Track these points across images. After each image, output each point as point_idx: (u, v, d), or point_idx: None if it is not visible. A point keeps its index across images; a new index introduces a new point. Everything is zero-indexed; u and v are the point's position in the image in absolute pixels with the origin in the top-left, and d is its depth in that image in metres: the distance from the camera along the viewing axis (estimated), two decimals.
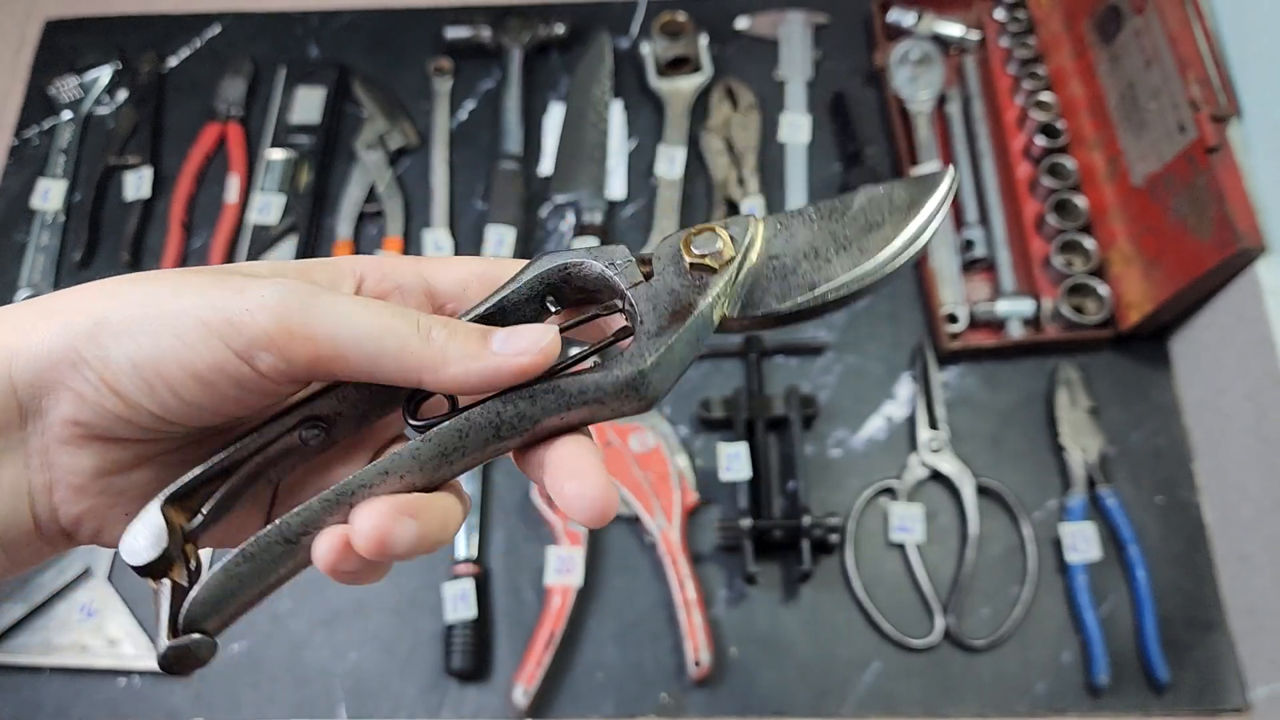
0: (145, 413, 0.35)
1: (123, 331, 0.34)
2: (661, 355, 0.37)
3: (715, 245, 0.38)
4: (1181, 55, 1.02)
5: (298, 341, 0.34)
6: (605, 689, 1.01)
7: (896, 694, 1.00)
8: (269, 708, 1.02)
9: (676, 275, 0.38)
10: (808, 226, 0.40)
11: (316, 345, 0.34)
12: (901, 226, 0.39)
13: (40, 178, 1.27)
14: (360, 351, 0.35)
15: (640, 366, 0.36)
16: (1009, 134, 1.22)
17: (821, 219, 0.40)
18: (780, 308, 0.39)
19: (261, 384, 0.35)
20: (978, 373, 1.13)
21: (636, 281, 0.38)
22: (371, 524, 0.34)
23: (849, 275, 0.39)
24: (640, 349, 0.37)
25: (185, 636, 0.35)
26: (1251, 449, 0.98)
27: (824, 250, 0.40)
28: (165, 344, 0.34)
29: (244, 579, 0.36)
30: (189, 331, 0.34)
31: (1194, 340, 1.08)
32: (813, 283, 0.39)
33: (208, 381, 0.34)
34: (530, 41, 1.31)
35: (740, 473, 1.03)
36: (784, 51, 1.31)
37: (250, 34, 1.37)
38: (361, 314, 0.35)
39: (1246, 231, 0.95)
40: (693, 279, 0.38)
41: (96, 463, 0.36)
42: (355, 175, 1.26)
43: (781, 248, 0.40)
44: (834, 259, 0.39)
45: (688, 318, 0.37)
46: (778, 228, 0.40)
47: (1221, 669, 0.99)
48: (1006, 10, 1.26)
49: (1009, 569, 1.04)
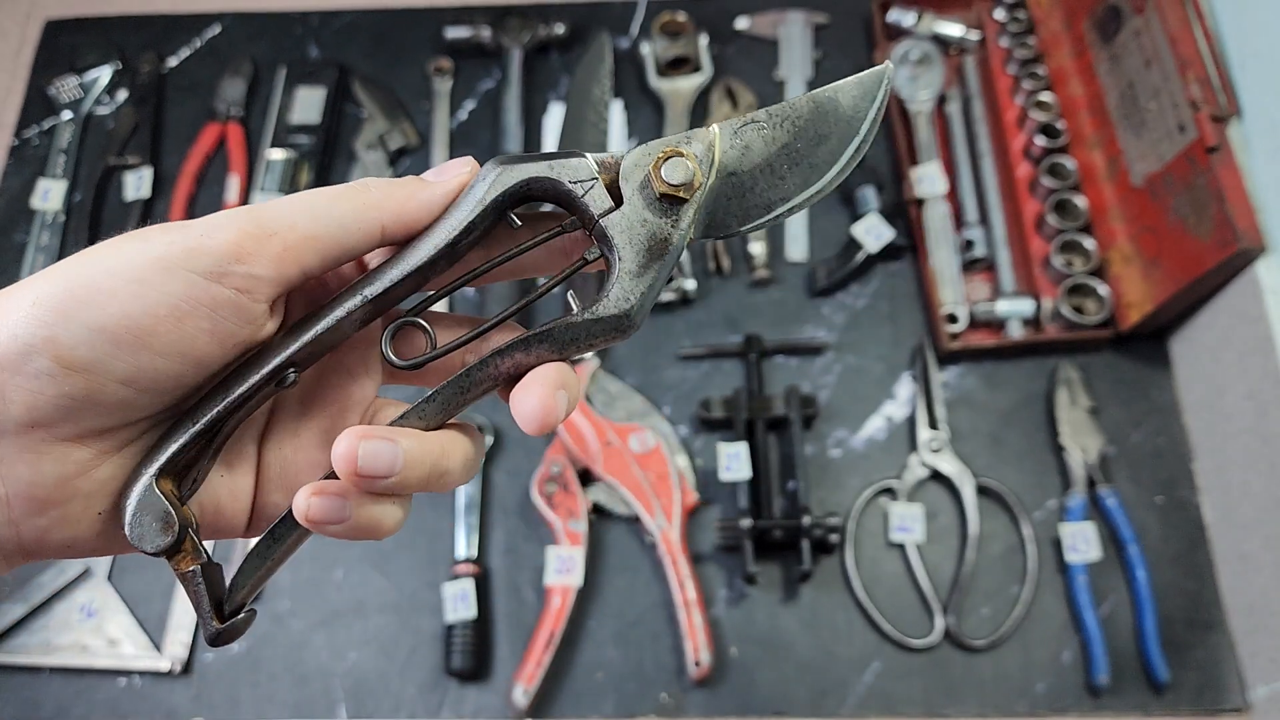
0: (113, 383, 0.34)
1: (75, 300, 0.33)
2: (645, 295, 0.39)
3: (686, 175, 0.39)
4: (1181, 55, 1.02)
5: (263, 240, 0.35)
6: (605, 689, 1.01)
7: (896, 694, 1.00)
8: (269, 708, 1.02)
9: (646, 204, 0.39)
10: (762, 138, 0.41)
11: (282, 237, 0.35)
12: (848, 140, 0.41)
13: (40, 178, 1.27)
14: (322, 226, 0.36)
15: (627, 309, 0.39)
16: (1009, 134, 1.22)
17: (774, 128, 0.41)
18: (740, 229, 0.41)
19: (236, 302, 0.35)
20: (978, 373, 1.13)
21: (607, 208, 0.39)
22: (345, 445, 0.35)
23: (802, 195, 0.41)
24: (624, 290, 0.39)
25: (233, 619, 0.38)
26: (1251, 449, 0.98)
27: (778, 167, 0.41)
28: (127, 295, 0.33)
29: (270, 555, 0.38)
30: (148, 272, 0.34)
31: (1194, 340, 1.08)
32: (769, 202, 0.41)
33: (180, 317, 0.34)
34: (530, 41, 1.31)
35: (740, 473, 1.03)
36: (784, 51, 1.31)
37: (250, 34, 1.37)
38: (306, 197, 0.37)
39: (1246, 231, 0.95)
40: (664, 208, 0.39)
41: (59, 469, 0.34)
42: (355, 175, 1.26)
43: (738, 163, 0.41)
44: (787, 176, 0.41)
45: (665, 254, 0.39)
46: (734, 140, 0.41)
47: (1221, 669, 0.99)
48: (1006, 10, 1.26)
49: (1009, 569, 1.04)
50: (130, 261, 0.34)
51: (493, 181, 0.39)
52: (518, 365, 0.39)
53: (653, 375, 1.14)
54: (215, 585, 0.38)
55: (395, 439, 0.36)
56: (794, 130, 0.41)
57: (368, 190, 0.38)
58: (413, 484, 0.37)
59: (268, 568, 0.38)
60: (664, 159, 0.39)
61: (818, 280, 1.17)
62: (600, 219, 0.39)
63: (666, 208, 0.39)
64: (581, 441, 1.06)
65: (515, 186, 0.39)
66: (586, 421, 1.07)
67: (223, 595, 0.38)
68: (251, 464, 0.40)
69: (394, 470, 0.36)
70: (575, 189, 0.39)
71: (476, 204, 0.39)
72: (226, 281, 0.34)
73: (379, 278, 0.38)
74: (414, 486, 0.37)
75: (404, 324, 0.40)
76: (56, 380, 0.33)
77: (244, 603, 0.38)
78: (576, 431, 1.06)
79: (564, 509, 1.05)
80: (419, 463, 0.36)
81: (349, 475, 0.35)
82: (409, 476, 0.36)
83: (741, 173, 0.40)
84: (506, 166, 0.39)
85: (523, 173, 0.39)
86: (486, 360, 0.38)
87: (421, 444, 0.37)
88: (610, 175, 0.40)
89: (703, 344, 1.15)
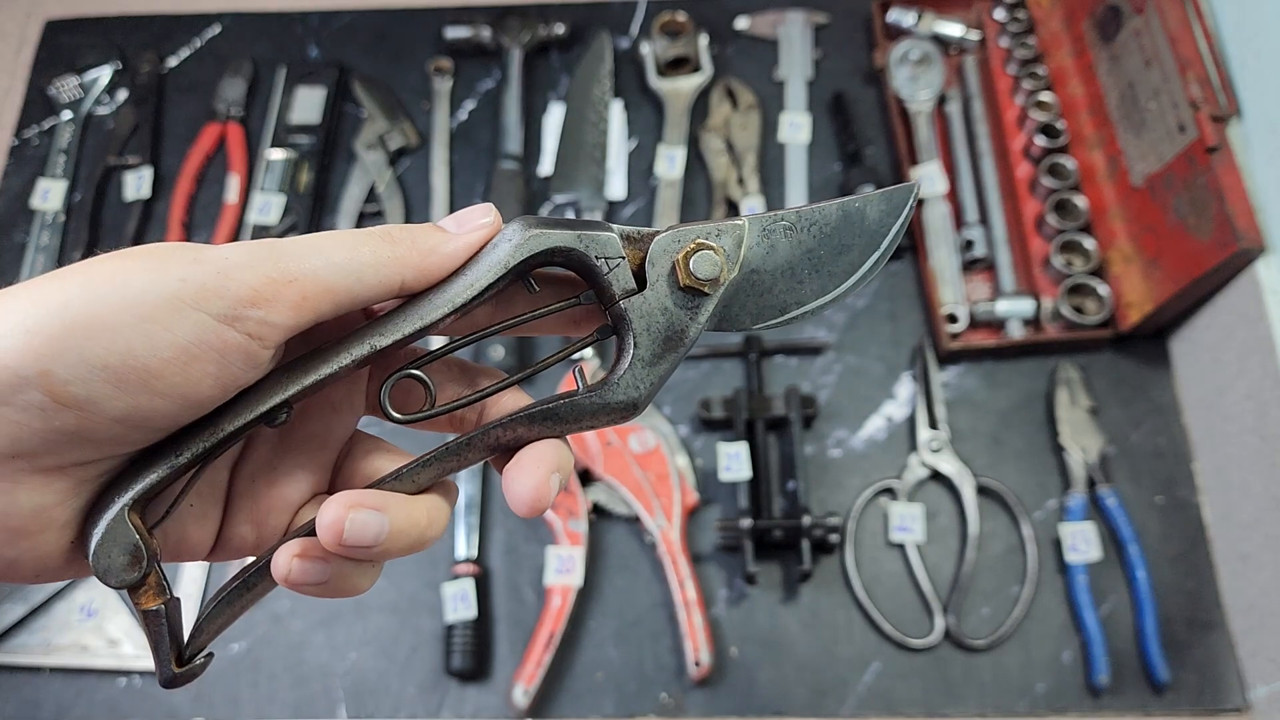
0: (106, 420, 0.32)
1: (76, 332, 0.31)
2: (655, 385, 0.39)
3: (713, 270, 0.39)
4: (1181, 55, 1.02)
5: (283, 287, 0.34)
6: (605, 689, 1.01)
7: (896, 694, 1.00)
8: (269, 708, 1.02)
9: (670, 293, 0.39)
10: (789, 240, 0.41)
11: (302, 286, 0.34)
12: (869, 253, 0.42)
13: (40, 178, 1.27)
14: (343, 275, 0.35)
15: (635, 397, 0.39)
16: (1009, 134, 1.22)
17: (801, 232, 0.41)
18: (751, 326, 0.41)
19: (246, 348, 0.33)
20: (978, 373, 1.13)
21: (629, 290, 0.39)
22: (331, 513, 0.34)
23: (817, 302, 0.42)
24: (636, 378, 0.39)
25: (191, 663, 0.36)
26: (1251, 449, 0.98)
27: (799, 271, 0.41)
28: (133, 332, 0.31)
29: (240, 602, 0.37)
30: (158, 310, 0.32)
31: (1194, 340, 1.08)
32: (784, 306, 0.41)
33: (188, 360, 0.32)
34: (530, 41, 1.31)
35: (740, 473, 1.03)
36: (784, 51, 1.31)
37: (250, 34, 1.37)
38: (329, 243, 0.36)
39: (1246, 231, 0.95)
40: (685, 299, 0.39)
41: (36, 499, 0.33)
42: (355, 175, 1.26)
43: (761, 262, 0.41)
44: (806, 281, 0.41)
45: (680, 346, 0.39)
46: (761, 238, 0.41)
47: (1221, 669, 0.99)
48: (1006, 10, 1.26)
49: (1009, 569, 1.04)
50: (140, 295, 0.32)
51: (518, 245, 0.38)
52: (518, 439, 0.38)
53: None
54: (175, 625, 0.36)
55: (383, 508, 0.35)
56: (820, 236, 0.41)
57: (392, 242, 0.37)
58: (394, 553, 0.36)
59: (233, 613, 0.37)
60: (693, 251, 0.39)
61: None
62: (621, 300, 0.39)
63: (688, 300, 0.39)
64: (581, 441, 1.06)
65: (540, 254, 0.38)
66: None
67: (182, 636, 0.37)
68: (222, 493, 0.39)
69: (379, 542, 0.35)
70: (600, 265, 0.39)
71: (499, 266, 0.38)
72: (239, 326, 0.33)
73: (389, 329, 0.37)
74: (395, 555, 0.36)
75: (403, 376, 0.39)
76: (47, 415, 0.31)
77: (203, 646, 0.37)
78: None
79: (564, 509, 1.05)
80: (404, 534, 0.36)
81: (333, 545, 0.34)
82: (392, 546, 0.36)
83: (763, 272, 0.41)
84: (534, 232, 0.38)
85: (550, 240, 0.38)
86: (487, 430, 0.38)
87: (409, 514, 0.36)
88: (637, 252, 0.40)
89: (703, 344, 1.15)
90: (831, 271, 0.41)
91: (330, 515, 0.34)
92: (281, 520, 0.40)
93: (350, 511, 0.34)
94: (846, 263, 0.41)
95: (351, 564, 0.36)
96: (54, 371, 0.31)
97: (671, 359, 0.39)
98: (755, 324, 0.41)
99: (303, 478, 0.40)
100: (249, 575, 0.37)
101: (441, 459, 0.38)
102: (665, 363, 0.39)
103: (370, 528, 0.35)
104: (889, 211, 0.42)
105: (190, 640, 0.37)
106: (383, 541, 0.35)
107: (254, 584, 0.37)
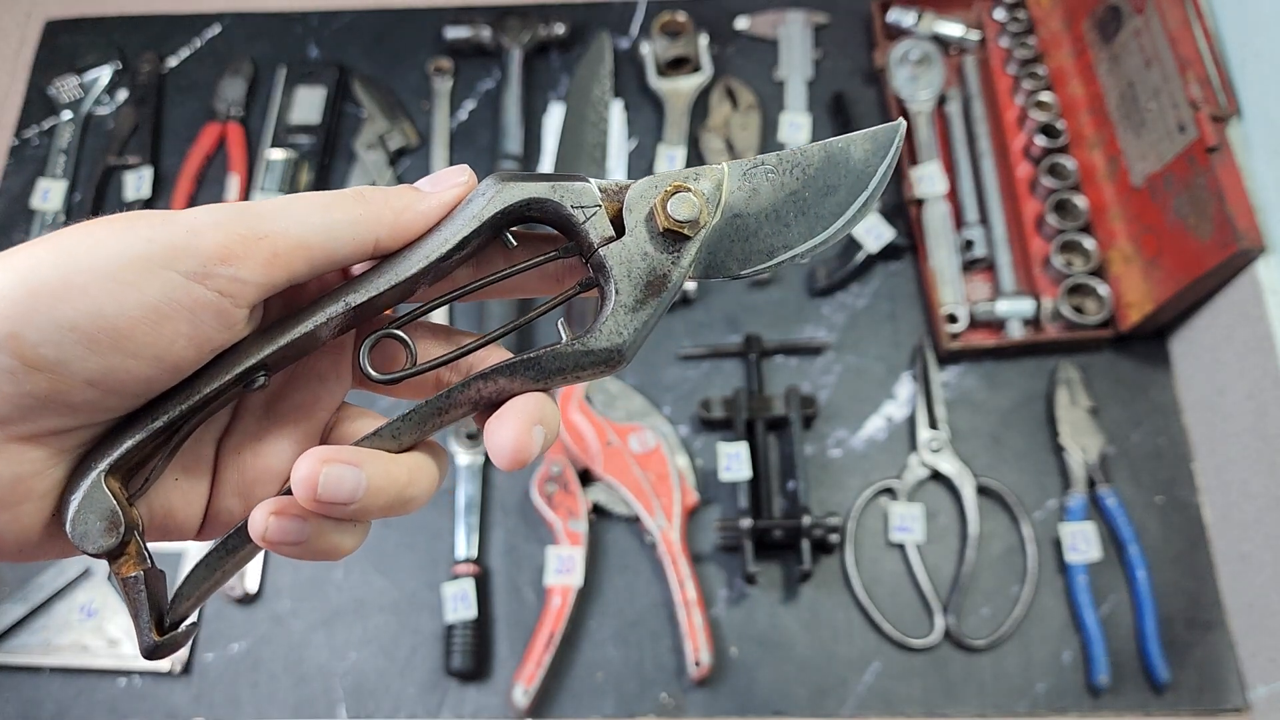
0: (79, 384, 0.32)
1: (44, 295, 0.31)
2: (639, 331, 0.38)
3: (692, 211, 0.38)
4: (1181, 55, 1.02)
5: (253, 244, 0.33)
6: (605, 689, 1.01)
7: (896, 694, 1.00)
8: (269, 708, 1.02)
9: (650, 238, 0.38)
10: (770, 183, 0.40)
11: (273, 242, 0.34)
12: (855, 194, 0.41)
13: (40, 178, 1.27)
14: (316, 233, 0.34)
15: (618, 343, 0.38)
16: (1009, 134, 1.22)
17: (784, 174, 0.40)
18: (740, 273, 0.40)
19: (218, 305, 0.33)
20: (978, 373, 1.13)
21: (608, 237, 0.38)
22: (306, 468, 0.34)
23: (805, 245, 0.40)
24: (619, 324, 0.38)
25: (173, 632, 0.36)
26: (1251, 449, 0.98)
27: (784, 214, 0.40)
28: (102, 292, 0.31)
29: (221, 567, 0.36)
30: (127, 269, 0.31)
31: (1194, 340, 1.08)
32: (771, 249, 0.40)
33: (158, 319, 0.32)
34: (530, 41, 1.31)
35: (740, 473, 1.03)
36: (784, 51, 1.31)
37: (250, 34, 1.37)
38: (300, 202, 0.35)
39: (1246, 231, 0.95)
40: (666, 243, 0.38)
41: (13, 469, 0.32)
42: (355, 175, 1.26)
43: (744, 205, 0.40)
44: (792, 224, 0.40)
45: (663, 291, 0.38)
46: (742, 181, 0.40)
47: (1221, 669, 0.99)
48: (1006, 10, 1.26)
49: (1009, 569, 1.04)
50: (108, 256, 0.31)
51: (491, 198, 0.37)
52: (500, 391, 0.37)
53: (653, 375, 1.14)
54: (157, 594, 0.35)
55: (360, 463, 0.34)
56: (803, 178, 0.40)
57: (364, 200, 0.36)
58: (374, 511, 0.35)
59: (216, 579, 0.37)
60: (671, 193, 0.38)
61: (818, 280, 1.17)
62: (600, 248, 0.38)
63: (669, 244, 0.38)
64: (581, 441, 1.06)
65: (515, 205, 0.38)
66: (586, 421, 1.07)
67: (164, 605, 0.36)
68: (209, 467, 0.39)
69: (355, 498, 0.34)
70: (577, 214, 0.38)
71: (472, 220, 0.37)
72: (210, 284, 0.33)
73: (364, 285, 0.37)
74: (375, 514, 0.35)
75: (383, 336, 0.39)
76: (17, 378, 0.31)
77: (186, 614, 0.37)
78: (576, 431, 1.06)
79: (564, 509, 1.05)
80: (383, 490, 0.35)
81: (308, 500, 0.34)
82: (371, 504, 0.35)
83: (747, 215, 0.40)
84: (507, 184, 0.38)
85: (524, 192, 0.38)
86: (468, 383, 0.37)
87: (388, 470, 0.35)
88: (614, 204, 0.39)
89: (703, 344, 1.15)
90: (819, 214, 0.40)
91: (304, 470, 0.34)
92: (268, 491, 0.39)
93: (325, 466, 0.34)
94: (834, 204, 0.40)
95: (331, 523, 0.35)
96: (23, 334, 0.31)
97: (655, 304, 0.38)
98: (744, 269, 0.40)
99: (288, 448, 0.39)
100: (228, 538, 0.36)
101: (423, 416, 0.37)
102: (648, 308, 0.38)
103: (346, 483, 0.34)
104: (874, 151, 0.41)
105: (171, 607, 0.36)
106: (360, 498, 0.34)
107: (234, 547, 0.36)
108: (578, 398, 1.08)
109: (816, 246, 0.41)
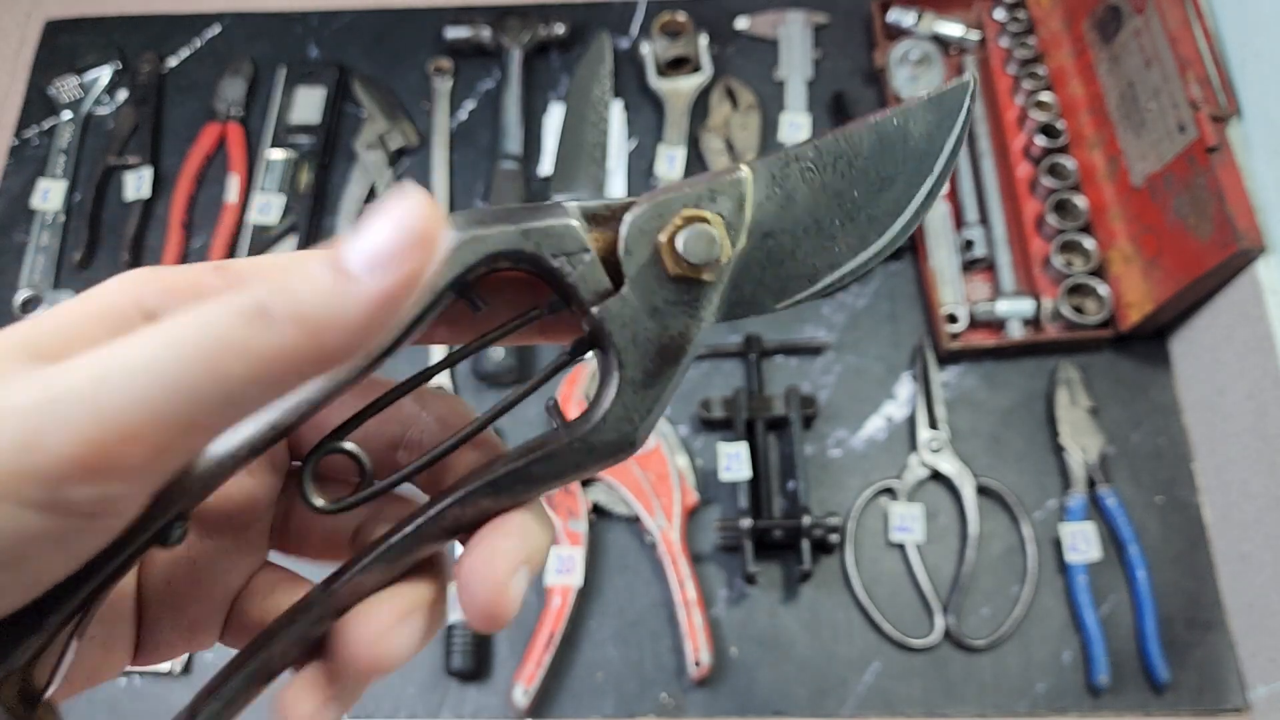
0: None
1: None
2: (653, 412, 0.30)
3: (710, 250, 0.29)
4: (1181, 55, 1.02)
5: (116, 449, 0.22)
6: (605, 689, 1.01)
7: (896, 694, 1.00)
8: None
9: (658, 287, 0.30)
10: (809, 184, 0.31)
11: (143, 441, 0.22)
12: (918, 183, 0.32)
13: (40, 178, 1.27)
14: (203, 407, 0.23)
15: (628, 432, 0.30)
16: (1009, 134, 1.22)
17: (825, 170, 0.31)
18: (776, 306, 0.32)
19: (90, 527, 0.24)
20: (978, 373, 1.13)
21: (604, 290, 0.30)
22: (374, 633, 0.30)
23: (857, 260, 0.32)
24: (627, 408, 0.30)
25: None
26: (1251, 449, 0.98)
27: (828, 223, 0.31)
28: None
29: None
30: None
31: (1194, 340, 1.08)
32: (813, 271, 0.31)
33: (16, 557, 0.23)
34: (530, 41, 1.31)
35: (740, 473, 1.03)
36: (784, 51, 1.31)
37: (250, 34, 1.37)
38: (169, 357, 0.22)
39: (1246, 231, 0.95)
40: (679, 292, 0.30)
41: None
42: (355, 175, 1.26)
43: (776, 219, 0.31)
44: (838, 235, 0.31)
45: (680, 357, 0.30)
46: (772, 187, 0.31)
47: (1221, 669, 0.99)
48: (1006, 10, 1.26)
49: (1009, 569, 1.04)
50: None
51: (446, 260, 0.28)
52: (482, 514, 0.30)
53: None
54: None
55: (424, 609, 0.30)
56: (851, 173, 0.31)
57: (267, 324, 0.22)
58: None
59: None
60: (680, 226, 0.29)
61: None
62: (593, 307, 0.29)
63: (683, 292, 0.30)
64: None
65: (479, 264, 0.29)
66: None
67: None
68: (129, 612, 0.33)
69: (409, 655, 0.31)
70: (562, 265, 0.29)
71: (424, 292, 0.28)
72: (71, 510, 0.23)
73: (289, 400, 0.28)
74: None
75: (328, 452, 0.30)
76: None
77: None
78: None
79: (564, 509, 1.05)
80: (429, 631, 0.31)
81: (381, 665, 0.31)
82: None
83: (780, 233, 0.31)
84: (465, 234, 0.28)
85: (488, 245, 0.28)
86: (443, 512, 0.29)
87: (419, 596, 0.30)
88: (607, 235, 0.30)
89: (703, 344, 1.15)
90: (871, 215, 0.31)
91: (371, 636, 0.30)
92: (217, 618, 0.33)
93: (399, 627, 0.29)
94: (890, 201, 0.31)
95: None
96: None
97: (671, 374, 0.30)
98: (780, 301, 0.31)
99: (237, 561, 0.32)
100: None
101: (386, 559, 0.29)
102: (663, 380, 0.30)
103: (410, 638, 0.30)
104: (939, 123, 0.32)
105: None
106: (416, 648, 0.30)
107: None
108: (578, 397, 1.08)
109: (871, 261, 0.32)
